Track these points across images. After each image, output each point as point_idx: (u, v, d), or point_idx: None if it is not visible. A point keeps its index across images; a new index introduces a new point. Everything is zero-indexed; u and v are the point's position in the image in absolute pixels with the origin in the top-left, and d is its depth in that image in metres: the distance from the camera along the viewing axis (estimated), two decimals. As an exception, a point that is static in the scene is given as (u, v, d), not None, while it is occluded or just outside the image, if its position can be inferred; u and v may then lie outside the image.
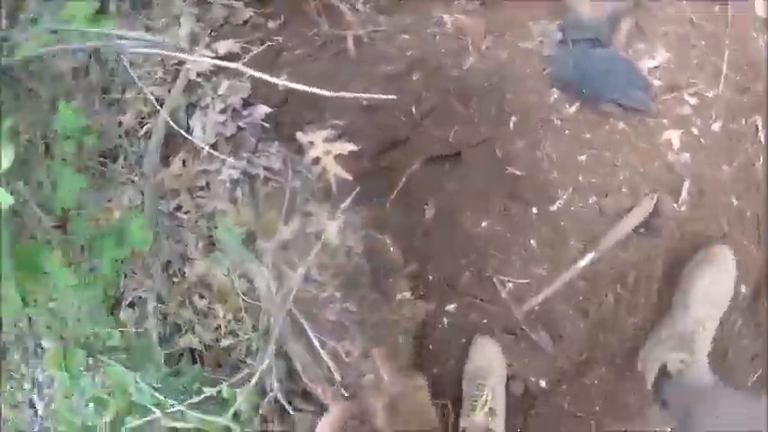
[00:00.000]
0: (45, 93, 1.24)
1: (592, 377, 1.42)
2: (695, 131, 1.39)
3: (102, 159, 1.43)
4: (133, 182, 1.39)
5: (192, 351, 1.38)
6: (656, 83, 1.39)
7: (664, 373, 1.31)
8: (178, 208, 1.36)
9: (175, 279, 1.33)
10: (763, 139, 1.42)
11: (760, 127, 1.41)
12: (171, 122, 1.27)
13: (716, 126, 1.40)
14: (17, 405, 1.49)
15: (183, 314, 1.33)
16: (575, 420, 1.45)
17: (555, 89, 1.39)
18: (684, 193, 1.37)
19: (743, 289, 1.41)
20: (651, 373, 1.34)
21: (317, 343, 1.26)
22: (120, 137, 1.43)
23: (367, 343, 1.31)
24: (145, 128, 1.40)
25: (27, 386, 1.50)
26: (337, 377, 1.26)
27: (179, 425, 1.21)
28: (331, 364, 1.26)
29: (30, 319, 1.30)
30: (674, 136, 1.38)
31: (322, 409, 1.30)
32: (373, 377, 0.66)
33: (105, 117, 1.43)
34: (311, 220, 1.27)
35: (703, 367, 1.28)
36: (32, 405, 1.50)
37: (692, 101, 1.39)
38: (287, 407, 1.19)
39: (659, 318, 1.39)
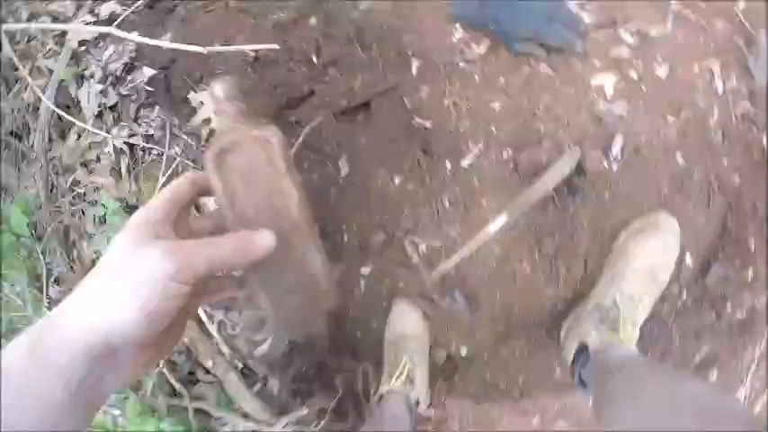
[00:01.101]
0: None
1: (511, 349, 1.34)
2: (634, 76, 1.19)
3: (17, 139, 1.47)
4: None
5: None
6: (586, 17, 1.19)
7: (583, 350, 1.18)
8: (76, 183, 1.38)
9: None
10: (720, 89, 1.18)
11: (716, 75, 1.18)
12: (44, 99, 1.26)
13: (661, 71, 1.19)
14: None
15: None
16: (498, 392, 1.39)
17: (458, 26, 1.23)
18: (616, 149, 1.20)
19: (687, 259, 1.24)
20: (570, 350, 1.22)
21: (204, 317, 1.28)
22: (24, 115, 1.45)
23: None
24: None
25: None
26: (225, 350, 1.28)
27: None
28: (218, 336, 1.28)
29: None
30: (607, 81, 1.19)
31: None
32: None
33: (11, 96, 1.46)
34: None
35: (627, 345, 1.14)
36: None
37: (631, 40, 1.18)
38: (174, 384, 1.22)
39: (583, 290, 1.26)
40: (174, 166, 1.27)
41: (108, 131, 1.29)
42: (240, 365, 1.27)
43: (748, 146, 1.18)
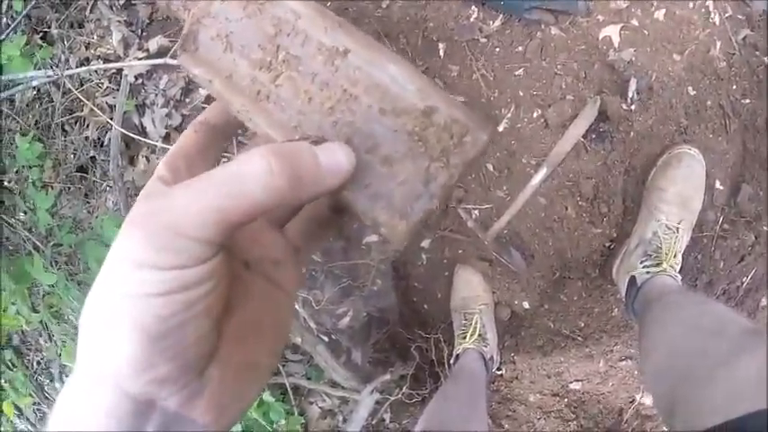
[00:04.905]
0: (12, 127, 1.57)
1: (569, 294, 1.57)
2: (635, 23, 1.43)
3: (81, 174, 1.76)
4: (110, 187, 1.70)
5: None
6: (579, -23, 1.45)
7: (633, 283, 1.38)
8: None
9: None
10: (717, 21, 1.41)
11: (711, 8, 1.41)
12: (120, 129, 1.55)
13: (659, 14, 1.42)
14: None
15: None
16: (562, 338, 1.62)
17: (473, 7, 1.50)
18: (632, 92, 1.43)
19: (717, 185, 1.46)
20: (622, 284, 1.43)
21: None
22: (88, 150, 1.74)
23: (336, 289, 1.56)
24: (107, 137, 1.69)
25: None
26: (312, 325, 1.53)
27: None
28: (305, 313, 1.53)
29: (42, 323, 1.67)
30: (612, 33, 1.43)
31: (310, 358, 1.58)
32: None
33: (73, 136, 1.75)
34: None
35: (670, 273, 1.34)
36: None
37: (626, -10, 1.43)
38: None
39: (626, 226, 1.48)
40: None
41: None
42: (326, 339, 1.52)
43: (752, 68, 1.42)
